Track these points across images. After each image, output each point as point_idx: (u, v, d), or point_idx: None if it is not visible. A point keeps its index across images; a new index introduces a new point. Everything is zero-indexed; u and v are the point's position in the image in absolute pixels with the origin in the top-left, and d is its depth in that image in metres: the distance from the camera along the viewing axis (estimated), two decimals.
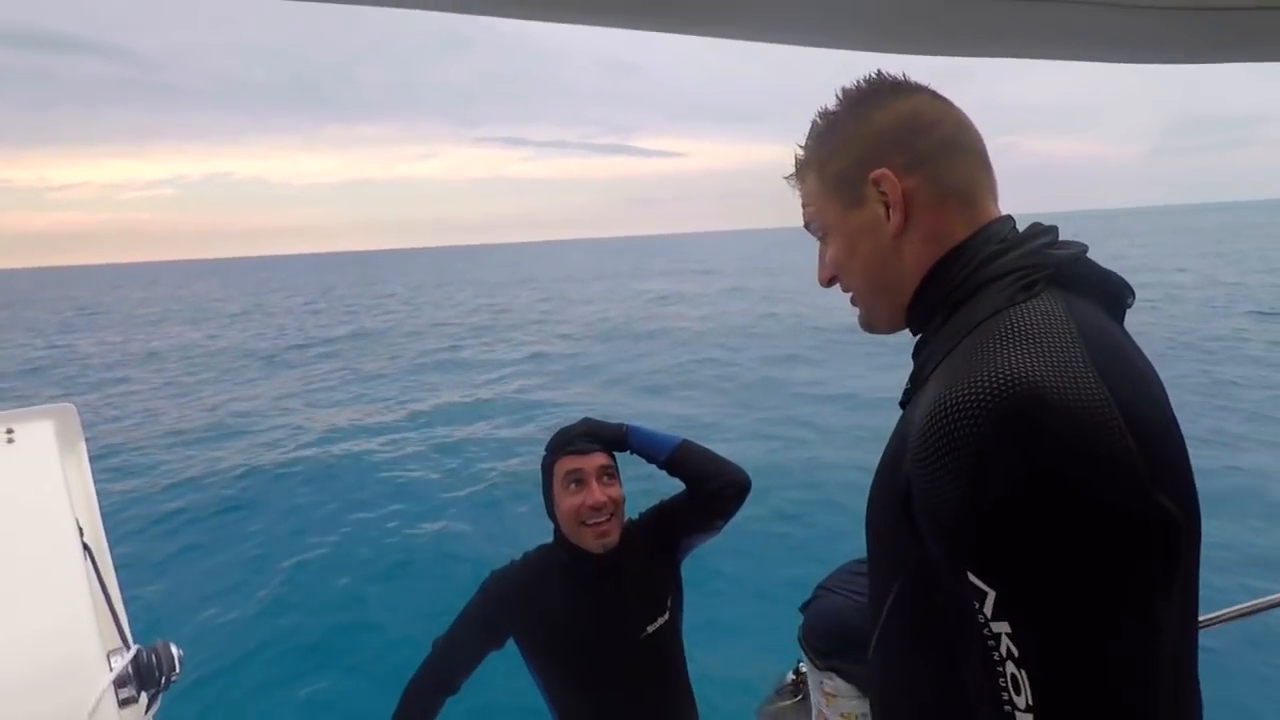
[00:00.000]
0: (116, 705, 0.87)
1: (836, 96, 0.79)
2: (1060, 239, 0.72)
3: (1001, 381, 0.55)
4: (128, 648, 0.92)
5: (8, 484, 1.07)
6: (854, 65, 0.97)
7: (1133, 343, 0.68)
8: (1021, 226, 0.75)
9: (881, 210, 0.75)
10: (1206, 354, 12.54)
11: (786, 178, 0.85)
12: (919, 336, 0.77)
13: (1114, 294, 0.69)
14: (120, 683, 0.88)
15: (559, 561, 1.55)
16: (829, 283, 0.84)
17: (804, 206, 0.84)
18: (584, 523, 1.48)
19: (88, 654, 0.88)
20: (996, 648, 0.54)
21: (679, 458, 1.60)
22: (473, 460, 8.78)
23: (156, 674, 0.92)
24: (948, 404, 0.57)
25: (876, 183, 0.74)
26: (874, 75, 0.79)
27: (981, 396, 0.55)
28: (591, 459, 1.51)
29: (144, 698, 0.91)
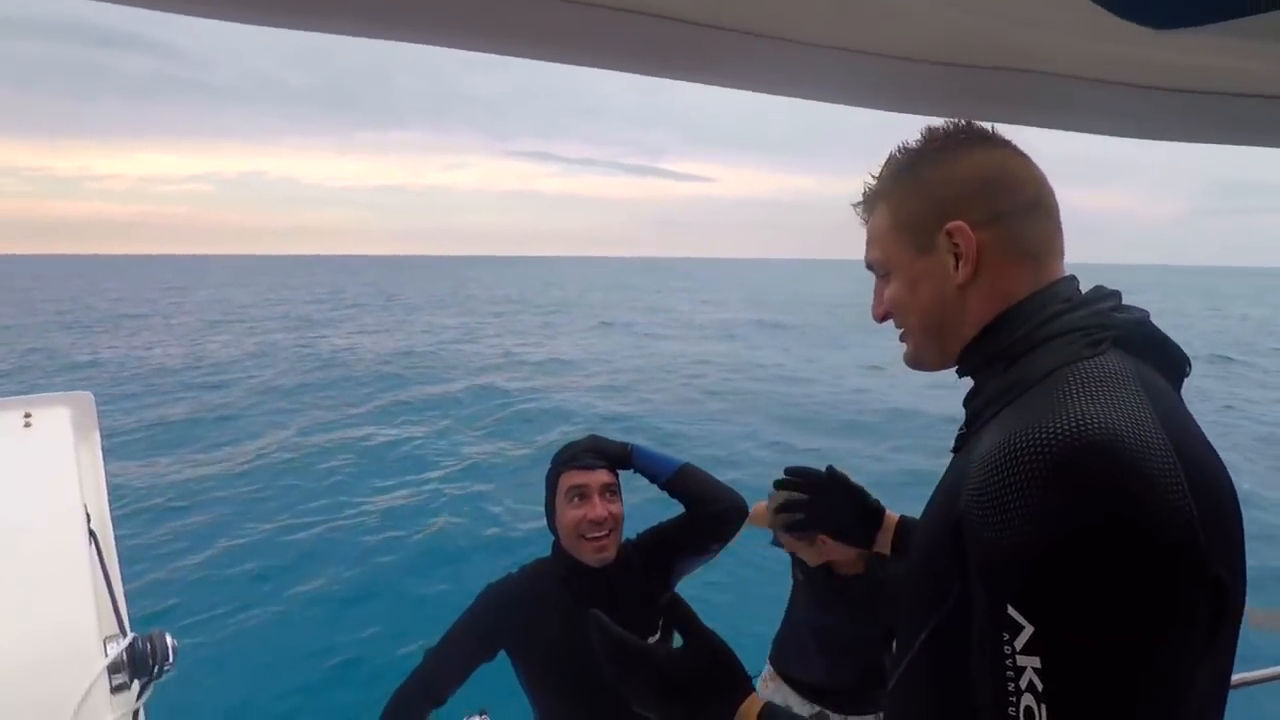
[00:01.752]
0: (109, 691, 0.88)
1: (921, 135, 0.79)
2: (1124, 303, 0.73)
3: (1074, 426, 0.55)
4: (124, 635, 0.94)
5: (22, 467, 1.10)
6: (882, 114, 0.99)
7: (1188, 411, 0.68)
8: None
9: (951, 260, 0.75)
10: None
11: (855, 205, 0.85)
12: (973, 384, 0.77)
13: (1174, 361, 0.69)
14: (114, 669, 0.90)
15: (555, 574, 1.56)
16: (883, 319, 0.84)
17: (869, 242, 0.83)
18: (583, 536, 1.49)
19: (85, 639, 0.89)
20: (1016, 679, 0.54)
21: (680, 480, 1.62)
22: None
23: (150, 663, 0.94)
24: (1018, 445, 0.57)
25: (950, 234, 0.74)
26: (962, 123, 0.79)
27: (1054, 439, 0.55)
28: (595, 475, 1.53)
29: (136, 685, 0.93)
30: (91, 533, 1.03)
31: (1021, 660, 0.54)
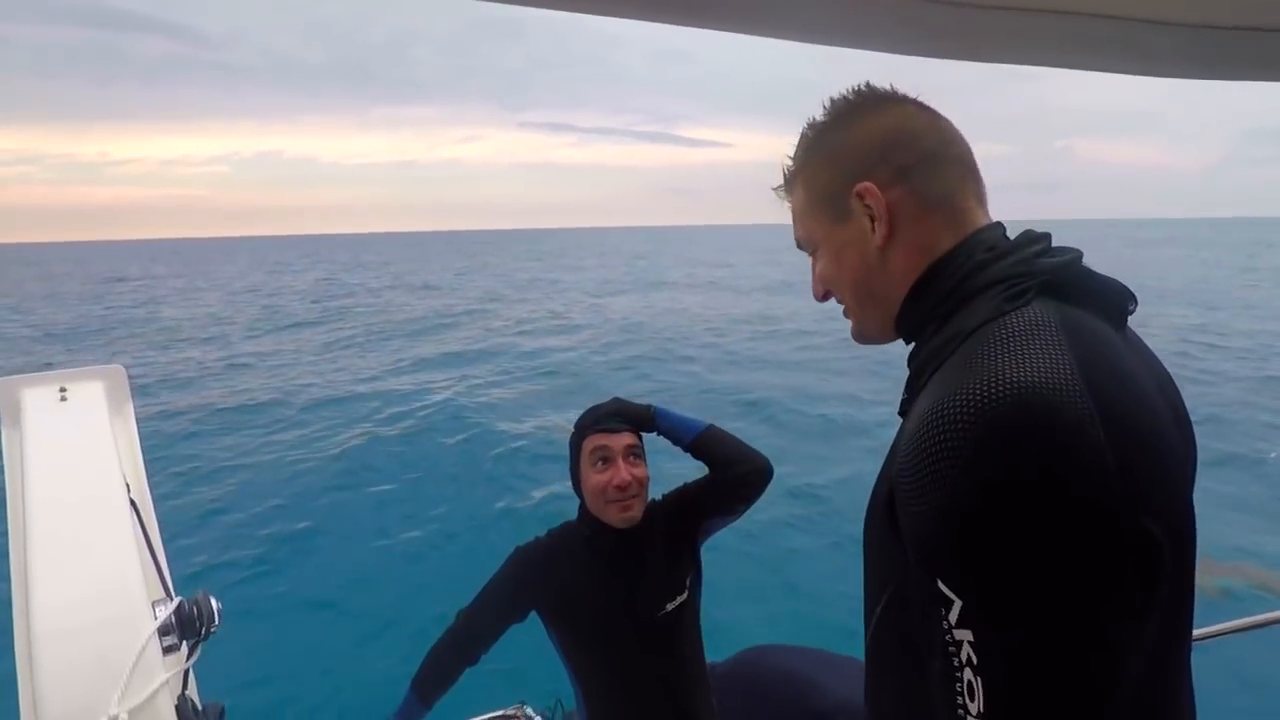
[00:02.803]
0: (160, 652, 0.91)
1: (824, 107, 0.80)
2: (1054, 246, 0.70)
3: (986, 392, 0.54)
4: (170, 599, 0.97)
5: (62, 440, 1.12)
6: (902, 63, 0.97)
7: (1139, 350, 0.66)
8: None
9: (867, 223, 0.75)
10: None
11: (776, 189, 0.86)
12: (912, 346, 0.76)
13: (1113, 300, 0.67)
14: (164, 631, 0.93)
15: (582, 536, 1.59)
16: (823, 297, 0.84)
17: (794, 222, 0.84)
18: (609, 500, 1.51)
19: (134, 603, 0.92)
20: (957, 654, 0.54)
21: (704, 442, 1.62)
22: None
23: (197, 624, 0.97)
24: (935, 414, 0.56)
25: (861, 196, 0.74)
26: (861, 86, 0.78)
27: (966, 406, 0.55)
28: (619, 438, 1.54)
29: (185, 646, 0.96)
30: (132, 502, 1.05)
31: (958, 634, 0.54)
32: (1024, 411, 0.53)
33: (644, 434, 1.61)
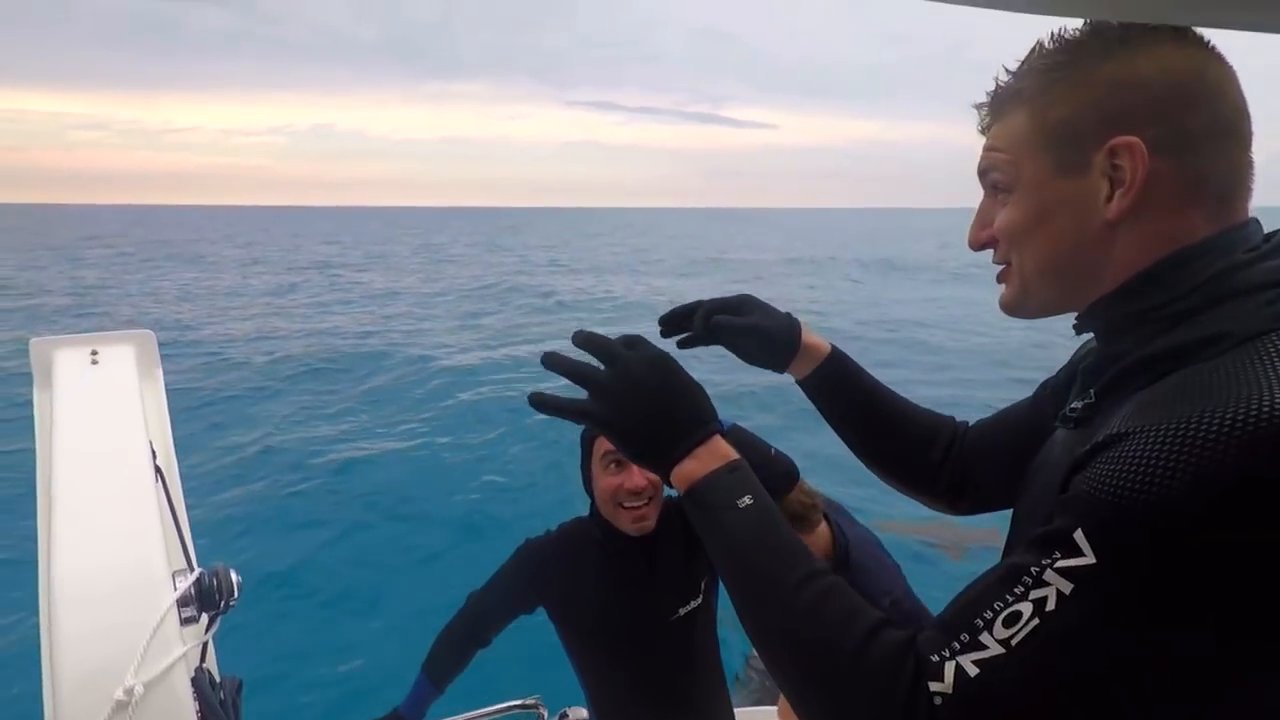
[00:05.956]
0: (179, 623, 0.90)
1: (1086, 26, 0.61)
2: None
3: (1270, 419, 0.45)
4: (191, 570, 0.95)
5: (92, 402, 1.12)
6: (965, 45, 0.83)
7: None
8: None
9: (1104, 187, 0.59)
10: None
11: (977, 106, 0.68)
12: (1101, 344, 0.65)
13: None
14: (183, 602, 0.92)
15: (592, 538, 1.53)
16: (981, 246, 0.69)
17: (990, 149, 0.66)
18: (621, 505, 1.44)
19: (155, 572, 0.91)
20: (1027, 588, 0.48)
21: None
22: None
23: (216, 597, 0.95)
24: (1191, 435, 0.46)
25: (1114, 152, 0.58)
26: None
27: (1241, 432, 0.45)
28: None
29: (204, 618, 0.95)
30: (158, 469, 1.04)
31: (1050, 576, 0.48)
32: None
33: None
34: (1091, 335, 0.69)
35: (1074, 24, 0.63)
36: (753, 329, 0.96)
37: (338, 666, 4.36)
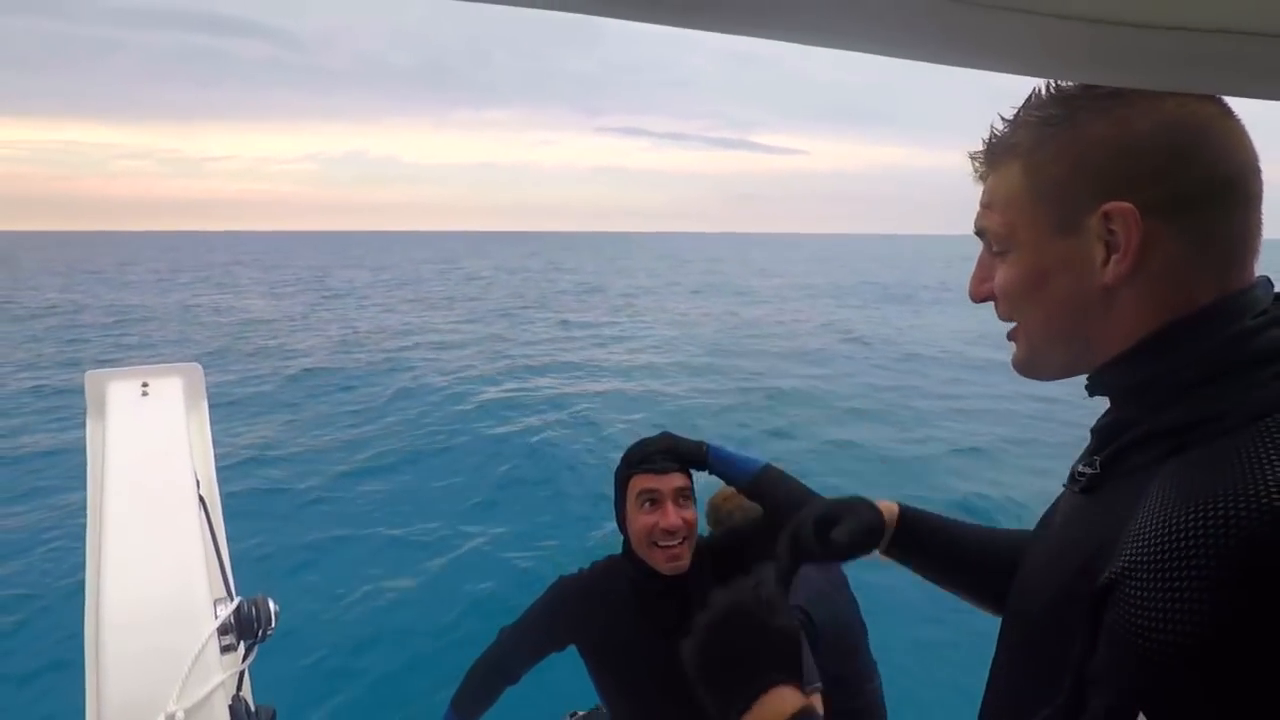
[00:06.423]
0: (219, 651, 0.93)
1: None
2: None
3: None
4: (231, 598, 0.98)
5: (142, 433, 1.16)
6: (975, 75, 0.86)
7: None
8: None
9: (1100, 251, 0.57)
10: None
11: (972, 156, 0.66)
12: (1114, 410, 0.62)
13: None
14: (223, 630, 0.94)
15: (626, 576, 1.53)
16: (983, 299, 0.67)
17: (987, 205, 0.65)
18: (656, 544, 1.44)
19: (197, 600, 0.94)
20: None
21: (761, 484, 1.50)
22: None
23: (255, 626, 0.98)
24: (1205, 520, 0.44)
25: (1107, 217, 0.56)
26: None
27: (1254, 520, 0.43)
28: (669, 479, 1.45)
29: (242, 647, 0.97)
30: (201, 499, 1.08)
31: None
32: None
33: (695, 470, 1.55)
34: None
35: None
36: (869, 530, 0.97)
37: (368, 697, 4.36)
